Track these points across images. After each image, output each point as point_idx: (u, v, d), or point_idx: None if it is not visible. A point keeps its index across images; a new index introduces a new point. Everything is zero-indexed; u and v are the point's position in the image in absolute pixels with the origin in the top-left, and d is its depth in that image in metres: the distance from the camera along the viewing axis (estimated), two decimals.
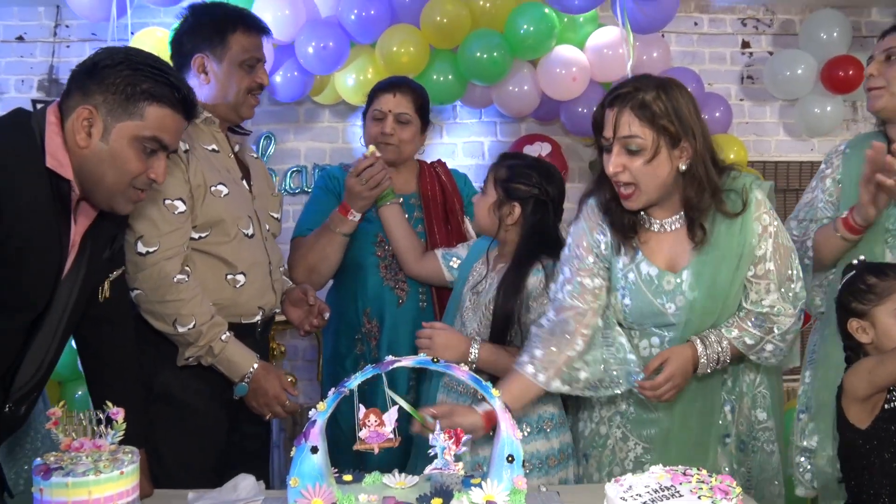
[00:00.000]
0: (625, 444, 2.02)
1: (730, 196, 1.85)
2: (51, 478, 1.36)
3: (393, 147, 2.48)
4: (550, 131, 4.21)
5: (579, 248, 1.98)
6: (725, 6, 4.39)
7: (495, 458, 1.53)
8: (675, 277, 1.89)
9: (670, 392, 1.84)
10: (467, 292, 2.26)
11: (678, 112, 1.78)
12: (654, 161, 1.80)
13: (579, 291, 1.95)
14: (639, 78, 1.86)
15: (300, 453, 1.49)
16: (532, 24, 3.56)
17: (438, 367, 1.57)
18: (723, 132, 3.90)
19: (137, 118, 1.58)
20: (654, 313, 1.92)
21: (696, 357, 1.86)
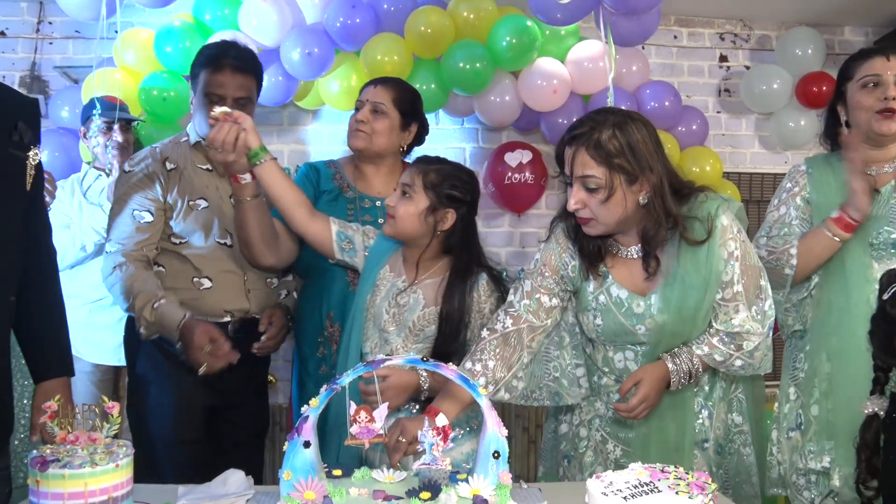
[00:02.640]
0: (604, 446, 2.06)
1: (693, 224, 1.86)
2: (48, 469, 1.38)
3: (364, 135, 2.44)
4: (532, 139, 4.27)
5: (545, 266, 2.01)
6: (704, 20, 4.49)
7: (481, 454, 1.57)
8: (643, 301, 1.94)
9: (644, 412, 1.90)
10: (383, 304, 2.13)
11: (634, 149, 1.81)
12: (612, 199, 1.83)
13: (535, 308, 2.00)
14: (596, 114, 1.88)
15: (293, 447, 1.51)
16: (514, 36, 3.61)
17: (428, 365, 1.59)
18: (699, 144, 3.99)
19: None
20: (625, 332, 1.97)
21: (668, 374, 1.91)
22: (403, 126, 2.50)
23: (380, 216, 2.45)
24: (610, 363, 2.04)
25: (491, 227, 4.37)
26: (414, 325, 2.09)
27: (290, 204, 2.20)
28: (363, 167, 2.52)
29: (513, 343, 1.98)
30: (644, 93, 3.87)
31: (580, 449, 2.11)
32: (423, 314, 2.08)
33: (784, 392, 2.29)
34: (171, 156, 2.43)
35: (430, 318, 2.08)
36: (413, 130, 2.54)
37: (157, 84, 3.55)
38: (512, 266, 4.32)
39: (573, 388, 2.07)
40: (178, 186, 2.39)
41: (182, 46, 3.53)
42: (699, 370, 1.93)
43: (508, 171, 4.06)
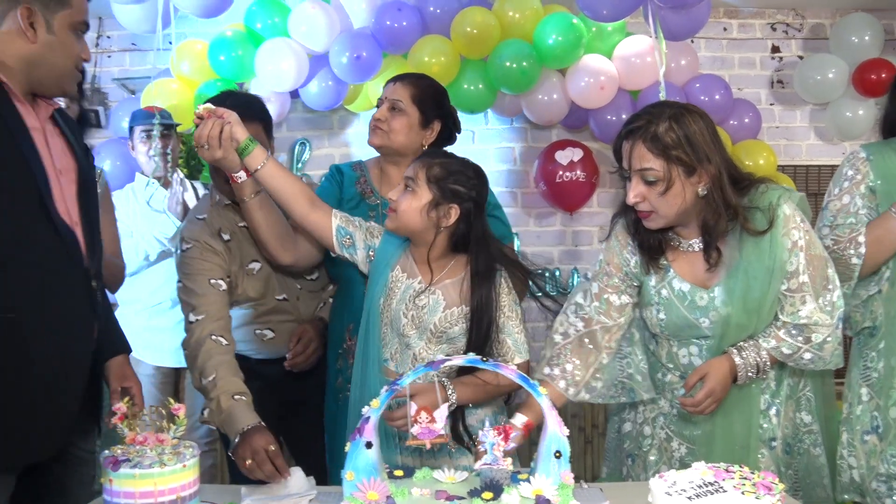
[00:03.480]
0: (668, 444, 2.04)
1: (755, 214, 1.85)
2: (119, 469, 1.42)
3: (381, 133, 2.34)
4: (581, 137, 4.25)
5: (609, 265, 2.03)
6: (755, 11, 4.41)
7: (542, 454, 1.57)
8: (707, 293, 1.92)
9: (711, 406, 1.87)
10: (400, 307, 2.05)
11: (691, 141, 1.80)
12: (671, 191, 1.82)
13: (606, 308, 2.01)
14: (653, 108, 1.88)
15: (355, 448, 1.53)
16: (560, 33, 3.61)
17: (488, 365, 1.61)
18: (752, 138, 3.93)
19: (68, 7, 1.74)
20: (689, 326, 1.96)
21: (735, 368, 1.88)
22: (424, 123, 2.36)
23: None
24: (674, 359, 2.02)
25: (543, 227, 4.36)
26: (436, 328, 2.02)
27: (288, 196, 2.09)
28: (387, 168, 2.43)
29: (588, 345, 2.00)
30: (694, 87, 3.82)
31: (644, 448, 2.09)
32: (444, 315, 2.02)
33: (855, 392, 2.19)
34: (223, 225, 2.34)
35: (452, 320, 2.03)
36: (435, 128, 2.38)
37: (211, 93, 3.60)
38: (564, 265, 4.32)
39: (646, 383, 2.05)
40: (237, 255, 2.34)
41: (235, 55, 3.61)
42: (767, 364, 1.90)
43: (559, 170, 4.04)
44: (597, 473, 3.97)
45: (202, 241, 2.29)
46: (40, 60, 1.73)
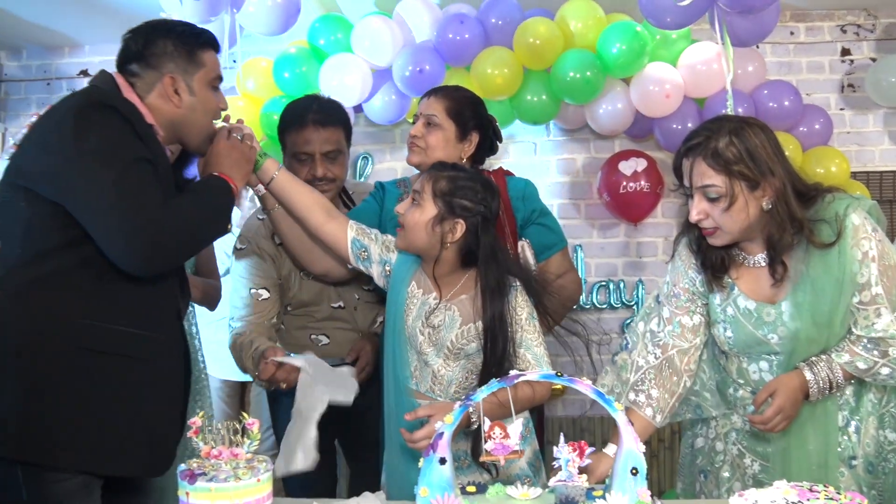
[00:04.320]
0: (741, 460, 1.99)
1: (821, 226, 1.81)
2: (196, 482, 1.43)
3: (418, 150, 2.29)
4: (645, 147, 4.20)
5: (676, 286, 2.01)
6: (823, 13, 4.30)
7: (618, 471, 1.53)
8: (773, 309, 1.88)
9: (782, 424, 1.82)
10: (416, 324, 2.00)
11: (753, 155, 1.77)
12: (734, 206, 1.79)
13: (679, 331, 1.99)
14: (712, 123, 1.85)
15: (428, 464, 1.52)
16: (624, 42, 3.57)
17: (563, 380, 1.57)
18: (823, 144, 3.82)
19: (202, 66, 1.88)
20: (757, 343, 1.91)
21: (805, 384, 1.83)
22: (461, 136, 2.31)
23: None
24: (745, 374, 1.98)
25: (607, 238, 4.31)
26: (452, 345, 1.98)
27: (302, 207, 2.09)
28: None
29: (667, 371, 1.98)
30: (761, 93, 3.73)
31: (716, 463, 2.04)
32: (460, 332, 1.98)
33: None
34: None
35: (469, 336, 1.98)
36: (473, 140, 2.32)
37: (277, 109, 3.64)
38: (628, 277, 4.27)
39: (714, 400, 2.04)
40: (288, 258, 2.38)
41: (299, 71, 3.67)
42: (840, 380, 1.83)
43: (623, 180, 4.00)
44: (663, 488, 3.93)
45: (254, 245, 2.39)
46: (185, 121, 1.88)
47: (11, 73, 4.64)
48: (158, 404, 1.81)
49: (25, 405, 1.66)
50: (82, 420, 1.68)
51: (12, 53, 4.64)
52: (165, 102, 1.85)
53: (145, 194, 1.68)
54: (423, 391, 2.01)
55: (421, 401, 2.00)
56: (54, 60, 4.60)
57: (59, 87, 4.57)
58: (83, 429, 1.68)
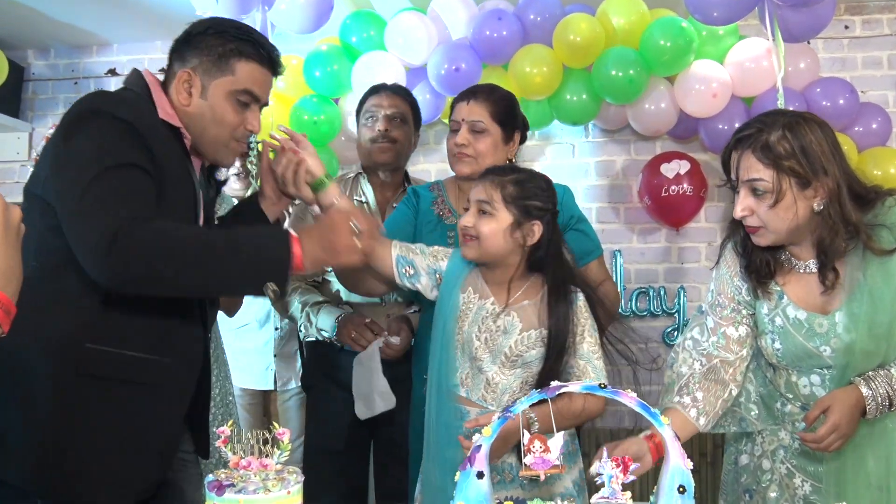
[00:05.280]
0: (791, 480, 1.88)
1: (880, 232, 1.71)
2: (224, 494, 1.39)
3: (469, 159, 2.26)
4: (688, 148, 4.07)
5: (721, 295, 1.92)
6: (882, 5, 4.10)
7: (664, 489, 1.43)
8: (826, 320, 1.77)
9: (837, 443, 1.70)
10: (472, 330, 1.97)
11: (806, 151, 1.69)
12: (781, 204, 1.71)
13: (724, 342, 1.90)
14: (766, 116, 1.78)
15: (465, 478, 1.45)
16: (669, 39, 3.44)
17: (606, 393, 1.48)
18: (881, 144, 3.65)
19: (229, 74, 1.75)
20: (808, 356, 1.80)
21: (863, 401, 1.70)
22: (507, 138, 2.31)
23: None
24: (794, 388, 1.87)
25: (647, 243, 4.18)
26: (511, 351, 1.94)
27: None
28: (467, 189, 2.30)
29: (712, 377, 1.89)
30: (814, 91, 3.57)
31: (763, 483, 1.93)
32: (520, 339, 1.93)
33: None
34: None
35: (529, 343, 1.93)
36: (517, 140, 2.34)
37: (307, 108, 3.62)
38: (670, 284, 4.12)
39: (760, 414, 1.95)
40: None
41: (330, 70, 3.60)
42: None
43: (665, 183, 3.88)
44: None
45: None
46: (189, 123, 1.76)
47: (39, 73, 4.63)
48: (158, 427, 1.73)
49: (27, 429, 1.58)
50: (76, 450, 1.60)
51: (39, 52, 4.63)
52: (177, 98, 1.75)
53: (122, 201, 1.54)
54: (473, 399, 1.95)
55: (469, 408, 1.93)
56: (82, 59, 4.58)
57: (86, 86, 4.56)
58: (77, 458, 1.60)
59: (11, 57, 4.38)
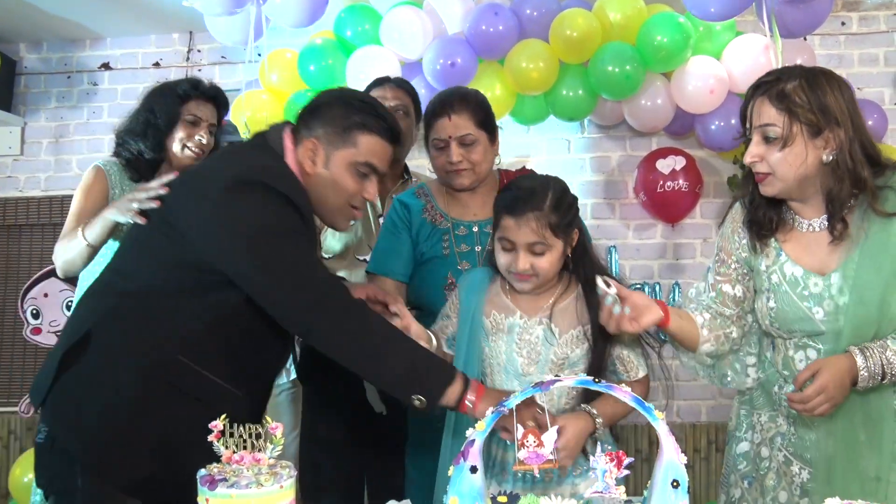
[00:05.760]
0: (788, 468, 1.87)
1: (887, 193, 1.71)
2: (216, 488, 1.38)
3: (466, 173, 2.25)
4: (684, 144, 4.06)
5: (722, 252, 1.95)
6: (878, 2, 4.10)
7: (657, 483, 1.43)
8: (822, 280, 1.77)
9: (823, 406, 1.67)
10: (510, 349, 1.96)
11: (821, 102, 1.70)
12: (790, 149, 1.71)
13: (721, 298, 1.94)
14: (788, 68, 1.81)
15: (458, 473, 1.45)
16: (666, 35, 3.42)
17: (600, 387, 1.50)
18: (877, 141, 3.62)
19: (352, 146, 1.83)
20: (800, 318, 1.79)
21: (855, 368, 1.68)
22: (492, 140, 2.30)
23: (477, 243, 2.29)
24: (791, 365, 1.85)
25: (643, 239, 4.17)
26: (556, 357, 1.94)
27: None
28: (458, 194, 2.34)
29: (716, 313, 1.95)
30: None
31: (762, 470, 1.93)
32: (563, 342, 1.94)
33: None
34: None
35: (573, 344, 1.93)
36: (497, 137, 2.34)
37: (301, 102, 3.56)
38: (665, 280, 4.12)
39: (741, 377, 1.99)
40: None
41: (325, 64, 3.57)
42: (895, 369, 1.68)
43: (661, 179, 3.88)
44: (700, 501, 3.79)
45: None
46: (311, 189, 1.84)
47: (31, 66, 4.60)
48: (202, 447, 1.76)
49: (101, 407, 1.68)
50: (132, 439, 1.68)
51: (32, 46, 4.60)
52: (302, 164, 1.84)
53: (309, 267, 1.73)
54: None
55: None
56: (75, 53, 4.56)
57: (79, 80, 4.55)
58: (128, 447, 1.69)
59: (3, 50, 4.37)
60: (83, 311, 1.80)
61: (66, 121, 4.54)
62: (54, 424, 1.72)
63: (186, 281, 1.71)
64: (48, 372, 1.73)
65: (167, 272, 1.72)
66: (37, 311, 4.41)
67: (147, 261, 1.75)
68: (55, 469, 1.71)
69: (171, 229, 1.73)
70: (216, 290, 1.71)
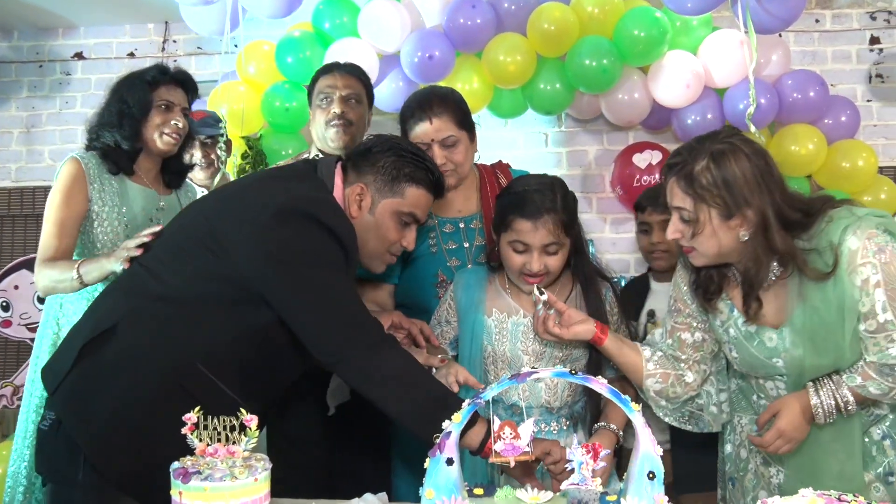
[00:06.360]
0: (766, 469, 1.90)
1: (814, 258, 1.70)
2: (190, 481, 1.37)
3: (450, 172, 2.25)
4: (660, 139, 4.08)
5: (677, 301, 1.95)
6: (851, 0, 4.15)
7: (634, 474, 1.46)
8: (775, 334, 1.79)
9: (784, 447, 1.75)
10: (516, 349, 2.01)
11: (729, 184, 1.69)
12: (703, 233, 1.72)
13: (678, 345, 1.95)
14: (698, 142, 1.77)
15: (435, 465, 1.46)
16: (642, 29, 3.44)
17: (577, 379, 1.52)
18: (849, 137, 3.68)
19: (399, 196, 1.89)
20: (763, 366, 1.83)
21: (811, 408, 1.73)
22: (471, 138, 2.32)
23: (464, 239, 2.30)
24: (763, 390, 1.90)
25: (619, 233, 4.20)
26: (562, 354, 1.98)
27: None
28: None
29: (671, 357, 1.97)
30: (785, 83, 3.59)
31: (741, 472, 1.97)
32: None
33: None
34: None
35: (576, 340, 1.95)
36: (475, 133, 2.35)
37: (279, 94, 3.57)
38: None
39: (720, 417, 2.00)
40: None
41: (303, 56, 3.55)
42: (851, 403, 1.72)
43: (637, 173, 3.91)
44: None
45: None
46: (357, 234, 1.87)
47: (2, 55, 4.55)
48: None
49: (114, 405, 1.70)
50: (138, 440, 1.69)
51: (2, 34, 4.54)
52: (349, 207, 1.88)
53: (348, 309, 1.74)
54: (536, 406, 2.00)
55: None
56: (47, 42, 4.51)
57: (51, 69, 4.49)
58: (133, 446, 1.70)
59: None
60: (110, 305, 1.81)
61: (38, 110, 4.49)
62: (64, 412, 1.72)
63: (221, 295, 1.74)
64: (66, 359, 1.75)
65: (203, 284, 1.74)
66: (7, 304, 4.35)
67: (186, 269, 1.76)
68: (57, 457, 1.72)
69: (216, 244, 1.75)
70: (248, 308, 1.74)
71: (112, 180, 2.42)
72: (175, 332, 1.72)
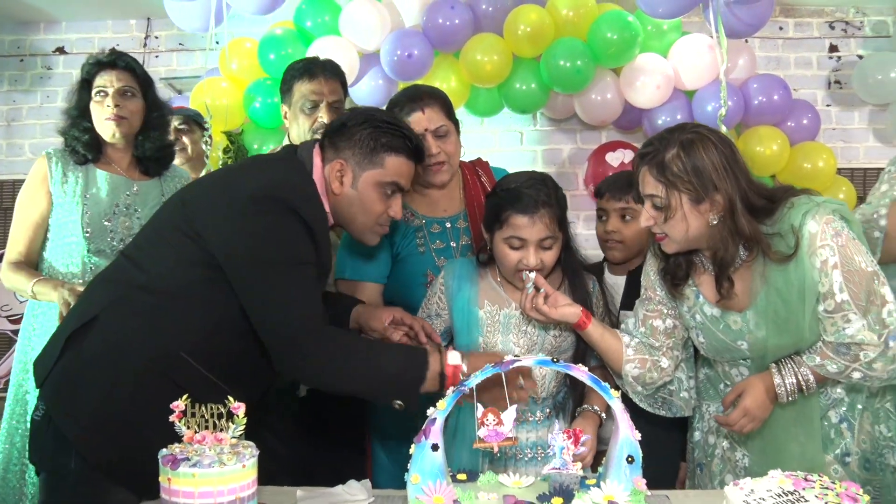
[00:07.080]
0: (732, 454, 2.00)
1: (777, 241, 1.80)
2: (178, 468, 1.38)
3: (446, 166, 2.27)
4: (632, 138, 4.18)
5: (647, 290, 2.03)
6: (812, 9, 4.29)
7: (613, 459, 1.51)
8: (740, 317, 1.88)
9: (748, 426, 1.84)
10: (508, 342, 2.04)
11: (699, 170, 1.77)
12: (674, 218, 1.80)
13: (651, 332, 2.01)
14: (669, 132, 1.85)
15: (420, 451, 1.49)
16: (615, 32, 3.54)
17: (559, 366, 1.57)
18: (810, 139, 3.81)
19: (379, 167, 1.88)
20: (729, 349, 1.92)
21: (774, 388, 1.83)
22: (458, 130, 2.34)
23: (451, 239, 2.31)
24: (730, 377, 1.99)
25: (592, 230, 4.22)
26: (552, 346, 2.04)
27: None
28: (426, 191, 2.34)
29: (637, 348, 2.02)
30: (751, 87, 3.72)
31: (709, 457, 2.05)
32: (558, 330, 2.04)
33: None
34: None
35: (565, 332, 2.03)
36: (459, 131, 2.36)
37: (261, 92, 3.62)
38: None
39: (690, 402, 2.07)
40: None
41: (285, 53, 3.59)
42: (812, 382, 1.82)
43: (610, 172, 3.95)
44: None
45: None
46: (340, 211, 1.89)
47: None
48: None
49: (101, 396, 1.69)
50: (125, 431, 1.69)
51: None
52: (331, 184, 1.88)
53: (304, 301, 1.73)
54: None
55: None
56: (28, 36, 4.48)
57: (32, 63, 4.47)
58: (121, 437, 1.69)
59: None
60: (94, 296, 1.82)
61: (19, 104, 4.48)
62: (51, 404, 1.72)
63: (199, 279, 1.73)
64: (52, 351, 1.76)
65: (185, 271, 1.74)
66: None
67: (167, 258, 1.76)
68: (49, 448, 1.72)
69: (192, 230, 1.75)
70: (231, 294, 1.72)
71: (78, 170, 2.47)
72: (156, 321, 1.72)
